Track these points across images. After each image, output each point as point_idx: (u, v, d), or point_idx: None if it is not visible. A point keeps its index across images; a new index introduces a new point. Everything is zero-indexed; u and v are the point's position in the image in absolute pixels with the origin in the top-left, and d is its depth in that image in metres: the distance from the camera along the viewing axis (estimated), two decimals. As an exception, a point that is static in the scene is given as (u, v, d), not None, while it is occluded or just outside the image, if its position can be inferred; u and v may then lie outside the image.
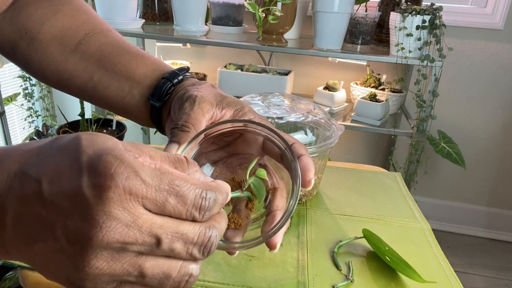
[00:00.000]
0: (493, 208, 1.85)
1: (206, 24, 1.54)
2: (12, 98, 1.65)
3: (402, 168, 1.49)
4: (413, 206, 0.69)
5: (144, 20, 1.53)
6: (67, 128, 1.74)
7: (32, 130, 1.83)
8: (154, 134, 1.74)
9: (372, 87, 1.58)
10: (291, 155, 0.33)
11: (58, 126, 1.73)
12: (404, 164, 1.44)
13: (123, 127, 1.77)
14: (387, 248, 0.52)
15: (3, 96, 1.64)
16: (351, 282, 0.48)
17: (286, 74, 1.53)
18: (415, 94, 1.35)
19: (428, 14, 1.24)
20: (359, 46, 1.43)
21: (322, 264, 0.52)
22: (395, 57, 1.29)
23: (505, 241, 1.86)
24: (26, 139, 1.67)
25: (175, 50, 1.86)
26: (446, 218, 1.89)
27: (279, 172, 0.36)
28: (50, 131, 1.55)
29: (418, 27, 1.24)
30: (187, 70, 0.45)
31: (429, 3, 1.28)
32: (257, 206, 0.35)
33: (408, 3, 1.39)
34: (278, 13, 1.25)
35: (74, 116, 1.86)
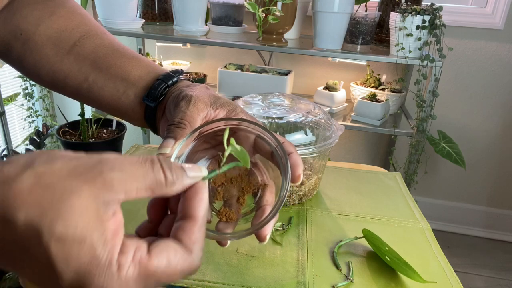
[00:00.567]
0: (493, 208, 1.85)
1: (206, 24, 1.54)
2: (12, 98, 1.65)
3: (402, 168, 1.49)
4: (413, 206, 0.69)
5: (144, 20, 1.53)
6: (67, 128, 1.74)
7: (32, 130, 1.83)
8: (154, 133, 1.74)
9: (372, 87, 1.58)
10: (282, 151, 0.34)
11: (58, 126, 1.73)
12: (404, 164, 1.44)
13: (123, 127, 1.77)
14: (387, 248, 0.52)
15: (3, 96, 1.64)
16: (351, 282, 0.48)
17: (286, 74, 1.53)
18: (415, 94, 1.35)
19: (428, 14, 1.24)
20: (359, 46, 1.43)
21: (322, 264, 0.52)
22: (395, 57, 1.29)
23: (505, 241, 1.86)
24: (26, 139, 1.67)
25: (175, 50, 1.86)
26: (446, 218, 1.89)
27: (268, 171, 0.38)
28: (50, 131, 1.55)
29: (418, 27, 1.24)
30: (181, 72, 0.46)
31: (429, 3, 1.28)
32: (247, 201, 0.37)
33: (408, 3, 1.39)
34: (278, 13, 1.25)
35: (74, 116, 1.86)
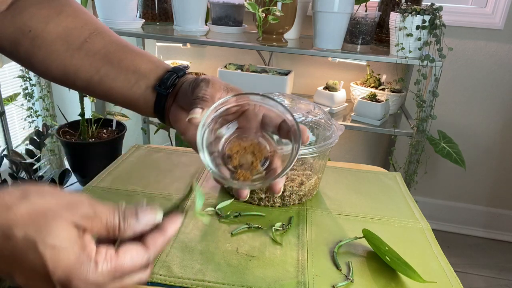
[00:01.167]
0: (492, 208, 1.85)
1: (206, 24, 1.54)
2: (12, 98, 1.65)
3: (402, 168, 1.49)
4: (413, 206, 0.69)
5: (144, 20, 1.53)
6: (67, 128, 1.74)
7: (32, 130, 1.83)
8: (155, 133, 1.74)
9: (372, 87, 1.58)
10: (292, 117, 0.40)
11: (58, 126, 1.74)
12: (404, 164, 1.44)
13: (123, 127, 1.77)
14: (387, 248, 0.52)
15: (3, 96, 1.64)
16: (351, 282, 0.48)
17: (286, 74, 1.53)
18: (415, 94, 1.35)
19: (428, 14, 1.24)
20: (359, 46, 1.43)
21: (322, 264, 0.52)
22: (395, 57, 1.29)
23: (505, 241, 1.86)
24: (26, 139, 1.67)
25: (175, 50, 1.86)
26: (446, 218, 1.89)
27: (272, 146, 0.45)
28: (50, 131, 1.55)
29: (418, 27, 1.24)
30: (188, 67, 0.51)
31: (429, 3, 1.28)
32: (259, 167, 0.43)
33: (408, 3, 1.39)
34: (278, 13, 1.25)
35: (74, 116, 1.86)
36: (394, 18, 1.28)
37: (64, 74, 0.49)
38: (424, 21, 1.23)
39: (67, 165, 1.87)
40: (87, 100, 1.73)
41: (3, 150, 1.44)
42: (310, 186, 0.66)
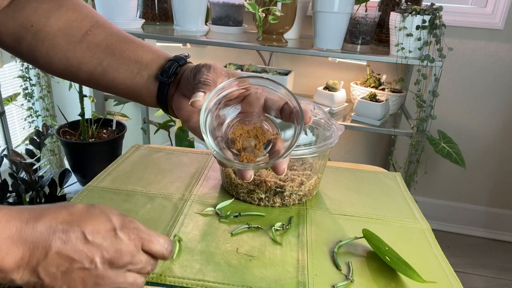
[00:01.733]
0: (492, 208, 1.85)
1: (206, 24, 1.54)
2: (12, 98, 1.65)
3: (402, 168, 1.49)
4: (413, 206, 0.69)
5: (144, 20, 1.53)
6: (67, 128, 1.74)
7: (32, 130, 1.83)
8: (155, 133, 1.74)
9: (372, 87, 1.58)
10: (294, 98, 0.41)
11: (58, 126, 1.73)
12: (404, 164, 1.44)
13: (123, 127, 1.77)
14: (387, 248, 0.52)
15: (3, 96, 1.64)
16: (351, 282, 0.48)
17: (286, 74, 1.53)
18: (415, 94, 1.35)
19: (428, 14, 1.23)
20: (359, 46, 1.43)
21: (322, 264, 0.52)
22: (395, 57, 1.29)
23: (504, 241, 1.86)
24: (26, 139, 1.67)
25: (175, 50, 1.86)
26: (446, 218, 1.89)
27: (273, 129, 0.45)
28: (50, 131, 1.55)
29: (418, 27, 1.24)
30: (188, 56, 0.50)
31: (429, 3, 1.28)
32: (262, 150, 0.43)
33: (408, 3, 1.39)
34: (278, 13, 1.25)
35: (74, 116, 1.86)
36: (394, 18, 1.28)
37: (67, 67, 0.50)
38: (424, 21, 1.23)
39: (67, 165, 1.87)
40: (87, 100, 1.73)
41: (3, 150, 1.44)
42: (310, 186, 0.66)
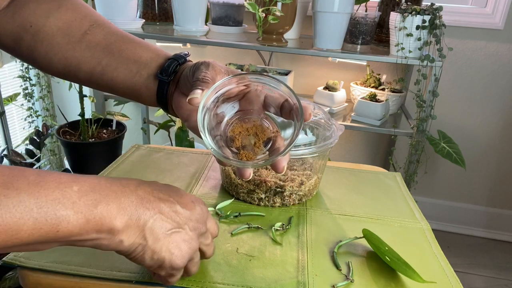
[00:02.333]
0: (492, 208, 1.85)
1: (206, 24, 1.54)
2: (12, 98, 1.65)
3: (402, 168, 1.49)
4: (413, 206, 0.69)
5: (144, 20, 1.53)
6: (67, 128, 1.74)
7: (32, 130, 1.83)
8: (155, 133, 1.74)
9: (372, 87, 1.58)
10: (294, 95, 0.40)
11: (58, 126, 1.73)
12: (404, 164, 1.44)
13: (123, 127, 1.77)
14: (387, 248, 0.52)
15: (3, 96, 1.64)
16: (351, 282, 0.48)
17: (286, 74, 1.53)
18: (415, 94, 1.35)
19: (428, 14, 1.23)
20: (359, 46, 1.43)
21: (322, 264, 0.51)
22: (395, 57, 1.29)
23: (504, 241, 1.86)
24: (26, 139, 1.67)
25: (175, 50, 1.85)
26: (446, 218, 1.89)
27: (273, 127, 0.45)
28: (50, 131, 1.55)
29: (418, 27, 1.24)
30: (188, 54, 0.50)
31: (429, 3, 1.28)
32: (261, 148, 0.43)
33: (408, 3, 1.39)
34: (278, 13, 1.25)
35: (74, 116, 1.86)
36: (394, 18, 1.28)
37: (66, 67, 0.50)
38: (424, 21, 1.23)
39: (67, 165, 1.87)
40: (87, 100, 1.73)
41: (3, 150, 1.44)
42: (310, 186, 0.66)
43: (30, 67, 1.75)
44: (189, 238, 0.40)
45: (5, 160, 1.35)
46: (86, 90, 1.71)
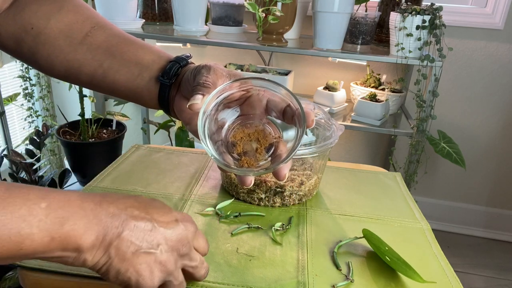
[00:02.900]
0: (493, 208, 1.85)
1: (206, 24, 1.54)
2: (12, 98, 1.65)
3: (402, 168, 1.49)
4: (413, 206, 0.69)
5: (144, 20, 1.53)
6: (67, 128, 1.74)
7: (32, 130, 1.83)
8: (155, 133, 1.74)
9: (372, 87, 1.58)
10: (296, 101, 0.40)
11: (58, 126, 1.73)
12: (404, 164, 1.44)
13: (123, 127, 1.77)
14: (387, 248, 0.52)
15: (3, 96, 1.64)
16: (351, 282, 0.48)
17: (286, 74, 1.53)
18: (415, 94, 1.35)
19: (428, 14, 1.23)
20: (359, 46, 1.43)
21: (322, 264, 0.51)
22: (395, 57, 1.29)
23: (504, 241, 1.86)
24: (26, 139, 1.67)
25: (175, 50, 1.86)
26: (446, 218, 1.89)
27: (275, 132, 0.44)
28: (50, 131, 1.55)
29: (418, 27, 1.24)
30: (190, 56, 0.50)
31: (429, 3, 1.28)
32: (263, 154, 0.42)
33: (408, 3, 1.39)
34: (278, 13, 1.25)
35: (74, 116, 1.86)
36: (394, 18, 1.28)
37: (68, 70, 0.50)
38: (424, 21, 1.23)
39: (67, 165, 1.87)
40: (87, 100, 1.73)
41: (3, 150, 1.44)
42: (310, 186, 0.66)
43: (30, 67, 1.75)
44: (163, 260, 0.37)
45: (5, 160, 1.35)
46: (86, 90, 1.71)
